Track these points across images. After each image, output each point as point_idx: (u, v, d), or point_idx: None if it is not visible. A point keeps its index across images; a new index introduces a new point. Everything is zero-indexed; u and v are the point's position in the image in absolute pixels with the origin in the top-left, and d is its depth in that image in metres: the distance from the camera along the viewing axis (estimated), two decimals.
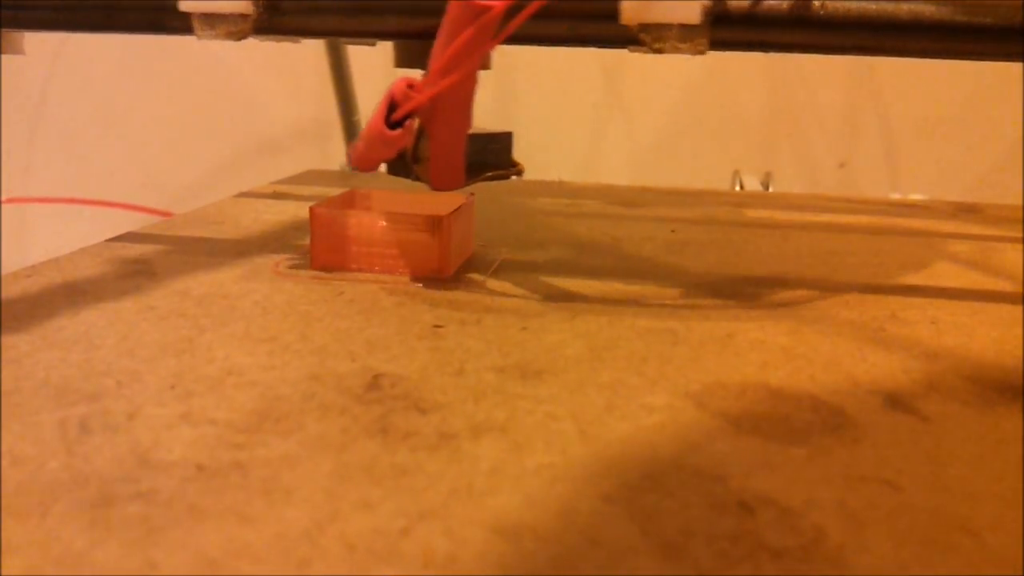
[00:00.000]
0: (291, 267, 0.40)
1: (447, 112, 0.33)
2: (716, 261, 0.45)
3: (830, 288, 0.40)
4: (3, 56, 0.42)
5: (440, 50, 0.31)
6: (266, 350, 0.30)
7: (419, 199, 0.43)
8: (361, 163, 0.35)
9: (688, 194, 0.69)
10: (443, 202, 0.41)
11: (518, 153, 0.40)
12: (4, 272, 0.38)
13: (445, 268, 0.38)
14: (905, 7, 0.33)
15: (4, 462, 0.22)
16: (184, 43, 0.50)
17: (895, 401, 0.27)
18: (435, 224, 0.38)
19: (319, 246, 0.39)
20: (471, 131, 0.36)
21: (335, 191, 0.44)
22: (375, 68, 0.94)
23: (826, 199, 0.70)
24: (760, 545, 0.19)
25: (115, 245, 0.45)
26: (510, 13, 0.30)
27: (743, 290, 0.40)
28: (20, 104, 1.07)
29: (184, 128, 1.07)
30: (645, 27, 0.33)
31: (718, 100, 0.92)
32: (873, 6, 0.33)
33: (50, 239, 1.07)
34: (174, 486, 0.21)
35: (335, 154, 0.94)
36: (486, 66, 0.35)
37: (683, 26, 0.33)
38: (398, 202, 0.44)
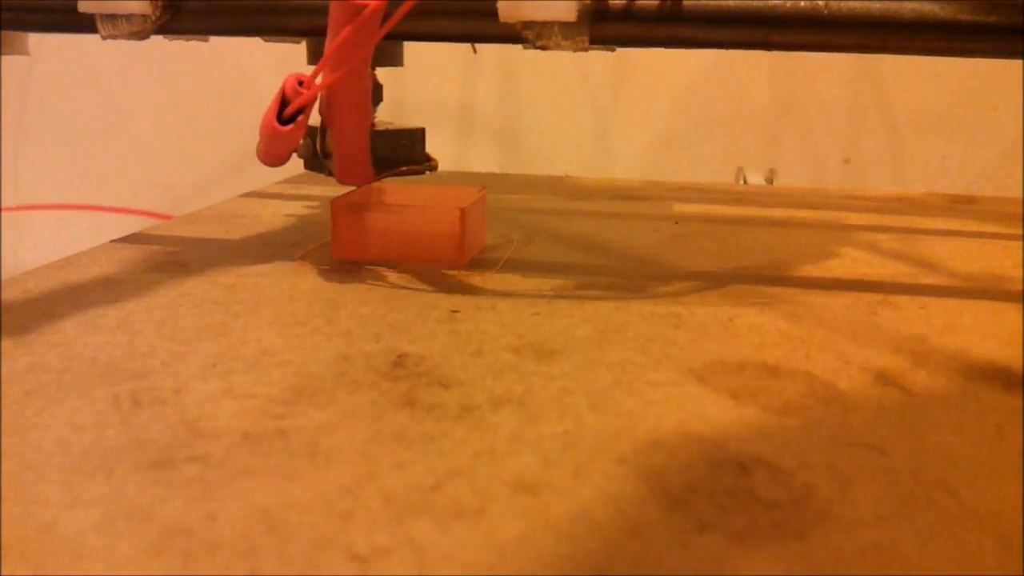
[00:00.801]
0: (313, 259, 0.42)
1: (342, 107, 0.35)
2: (717, 252, 0.48)
3: (827, 278, 0.43)
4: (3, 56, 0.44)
5: (327, 48, 0.33)
6: (296, 333, 0.32)
7: (435, 192, 0.45)
8: (265, 158, 0.37)
9: (692, 189, 0.71)
10: (458, 196, 0.43)
11: (524, 150, 0.42)
12: (11, 273, 0.40)
13: (460, 258, 0.41)
14: (862, 5, 0.34)
15: (66, 431, 0.24)
16: (184, 45, 0.52)
17: (883, 377, 0.29)
18: (451, 216, 0.40)
19: (339, 238, 0.42)
20: (383, 127, 0.37)
21: (344, 188, 0.46)
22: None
23: (824, 195, 0.72)
24: (755, 499, 0.21)
25: (141, 239, 0.47)
26: (388, 11, 0.32)
27: (743, 279, 0.42)
28: (18, 108, 1.08)
29: (182, 130, 1.07)
30: (528, 25, 0.34)
31: (722, 97, 0.94)
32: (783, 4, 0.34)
33: (52, 242, 1.08)
34: (224, 450, 0.23)
35: None
36: (397, 63, 0.38)
37: (563, 24, 0.34)
38: (415, 195, 0.46)
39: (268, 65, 1.03)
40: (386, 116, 0.43)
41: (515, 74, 0.94)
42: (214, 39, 0.47)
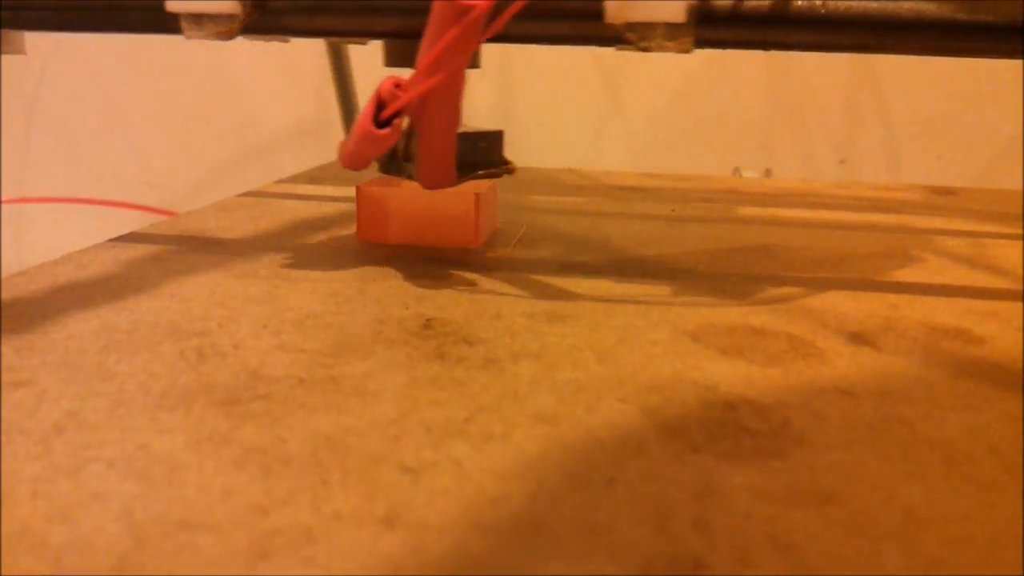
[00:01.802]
0: (339, 243, 0.46)
1: (435, 110, 0.34)
2: (711, 237, 0.51)
3: (816, 259, 0.46)
4: (3, 55, 0.43)
5: (426, 49, 0.32)
6: (334, 301, 0.36)
7: None
8: (351, 162, 0.36)
9: (688, 180, 0.75)
10: (473, 183, 0.46)
11: (517, 148, 0.45)
12: (20, 265, 0.44)
13: (476, 239, 0.44)
14: (876, 5, 0.34)
15: (144, 377, 0.28)
16: (184, 41, 0.54)
17: (857, 337, 0.33)
18: (469, 200, 0.44)
19: (365, 221, 0.45)
20: (462, 130, 0.36)
21: (355, 182, 0.50)
22: (376, 67, 0.98)
23: (815, 193, 0.76)
24: (740, 428, 0.25)
25: (177, 225, 0.50)
26: (494, 12, 0.31)
27: (734, 260, 0.45)
28: (20, 104, 1.09)
29: (183, 127, 1.08)
30: (631, 26, 0.34)
31: (718, 96, 0.95)
32: (863, 5, 0.34)
33: (55, 237, 1.10)
34: (285, 391, 0.27)
35: (336, 152, 0.97)
36: (475, 64, 0.35)
37: (669, 25, 0.33)
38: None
39: (267, 65, 1.05)
40: None
41: (509, 74, 0.96)
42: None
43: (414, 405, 0.26)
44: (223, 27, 0.36)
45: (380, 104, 0.34)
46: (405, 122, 0.35)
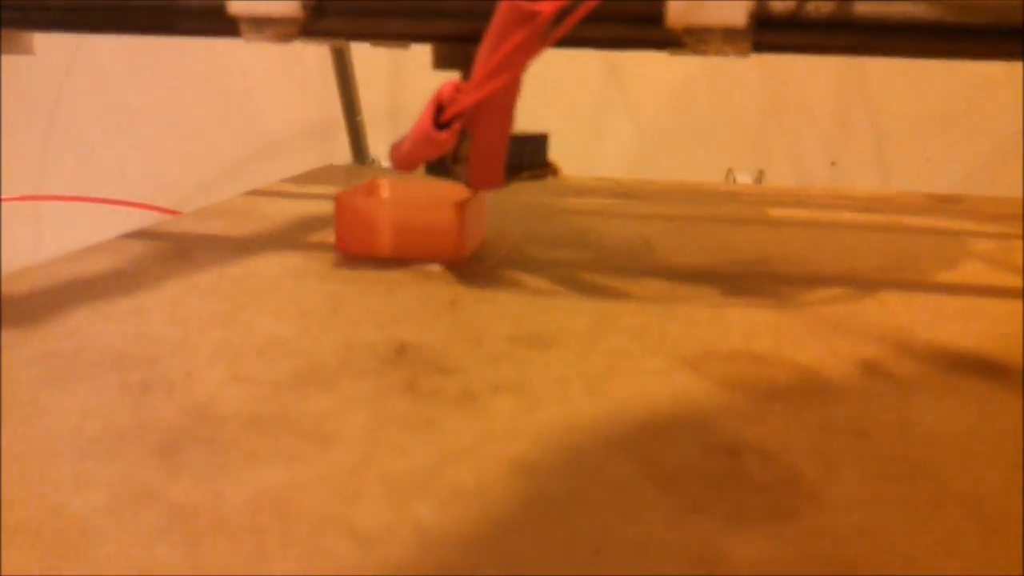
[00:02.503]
0: (319, 253, 0.43)
1: (492, 114, 0.34)
2: (710, 248, 0.48)
3: (816, 274, 0.43)
4: (16, 56, 0.43)
5: (487, 53, 0.32)
6: (301, 323, 0.33)
7: (436, 187, 0.45)
8: (405, 163, 0.36)
9: (682, 188, 0.72)
10: (458, 191, 0.43)
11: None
12: (18, 266, 0.41)
13: (461, 251, 0.41)
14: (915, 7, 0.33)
15: (76, 417, 0.25)
16: (191, 43, 0.52)
17: (870, 366, 0.30)
18: (453, 210, 0.41)
19: (343, 231, 0.42)
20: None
21: (349, 185, 0.47)
22: (378, 68, 0.97)
23: (811, 194, 0.73)
24: (745, 481, 0.22)
25: (149, 233, 0.48)
26: (558, 16, 0.30)
27: (734, 274, 0.43)
28: (35, 104, 1.09)
29: (190, 128, 1.08)
30: (689, 30, 0.33)
31: (712, 99, 0.94)
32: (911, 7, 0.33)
33: (62, 236, 1.10)
34: (232, 434, 0.24)
35: (339, 153, 0.96)
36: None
37: (727, 29, 0.33)
38: (417, 191, 0.47)
39: (273, 66, 1.04)
40: (386, 117, 0.43)
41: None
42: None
43: (376, 451, 0.23)
44: (283, 30, 0.36)
45: (440, 106, 0.33)
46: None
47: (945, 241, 0.52)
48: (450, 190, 0.44)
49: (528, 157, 0.39)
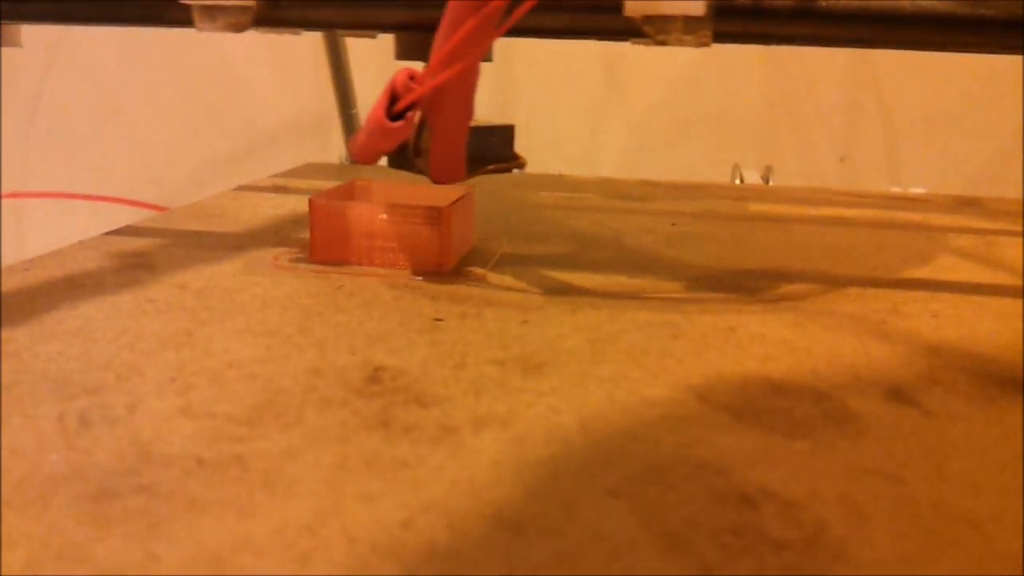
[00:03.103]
0: (290, 260, 0.40)
1: (449, 104, 0.33)
2: (716, 255, 0.45)
3: (831, 281, 0.40)
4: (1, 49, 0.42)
5: (442, 42, 0.31)
6: (265, 344, 0.30)
7: (419, 191, 0.42)
8: (362, 155, 0.35)
9: (689, 188, 0.69)
10: (443, 194, 0.40)
11: (519, 147, 0.40)
12: (3, 265, 0.38)
13: (446, 261, 0.38)
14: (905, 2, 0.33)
15: (3, 455, 0.22)
16: (181, 36, 0.50)
17: (897, 395, 0.27)
18: (435, 216, 0.38)
19: (319, 238, 0.39)
20: (472, 124, 0.35)
21: (333, 184, 0.44)
22: (373, 61, 0.94)
23: (826, 192, 0.70)
24: (763, 538, 0.19)
25: (113, 239, 0.44)
26: (512, 5, 0.30)
27: (744, 284, 0.40)
28: (18, 98, 1.07)
29: (181, 122, 1.06)
30: (649, 19, 0.33)
31: (718, 94, 0.92)
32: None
33: (47, 234, 1.07)
34: (175, 479, 0.21)
35: (334, 147, 0.94)
36: (487, 58, 0.35)
37: (687, 18, 0.32)
38: (398, 194, 0.44)
39: (265, 60, 1.02)
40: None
41: (508, 71, 0.92)
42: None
43: (338, 501, 0.20)
44: (236, 19, 0.35)
45: (394, 96, 0.33)
46: (417, 116, 0.34)
47: (969, 241, 0.49)
48: (435, 194, 0.41)
49: (493, 149, 0.38)
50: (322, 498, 0.20)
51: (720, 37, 0.34)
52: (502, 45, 0.35)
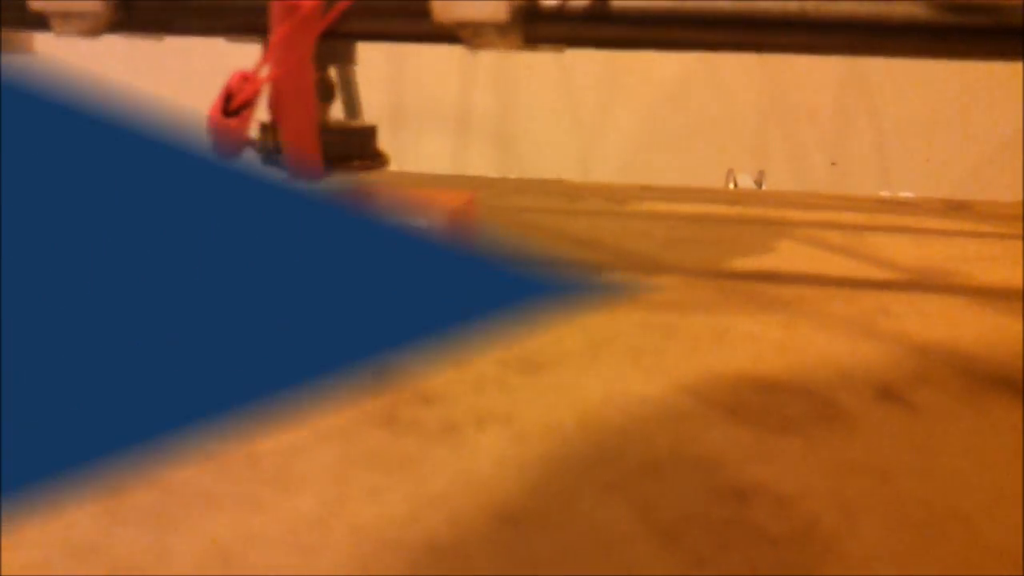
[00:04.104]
0: None
1: (287, 103, 0.37)
2: (711, 257, 0.46)
3: (822, 283, 0.41)
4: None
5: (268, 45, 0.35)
6: None
7: (423, 195, 0.43)
8: (218, 149, 0.37)
9: (684, 192, 0.70)
10: (448, 198, 0.41)
11: (519, 152, 0.41)
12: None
13: None
14: (832, 7, 0.34)
15: None
16: (182, 42, 0.50)
17: (887, 393, 0.28)
18: (438, 218, 0.38)
19: None
20: (337, 125, 0.39)
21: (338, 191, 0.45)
22: (379, 69, 0.95)
23: (817, 197, 0.71)
24: (756, 532, 0.20)
25: None
26: (325, 9, 0.34)
27: (737, 285, 0.40)
28: None
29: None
30: (462, 24, 0.35)
31: (712, 99, 0.93)
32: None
33: None
34: (187, 476, 0.21)
35: None
36: (351, 60, 0.41)
37: (498, 23, 0.34)
38: (399, 196, 0.44)
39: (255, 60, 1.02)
40: (386, 118, 0.43)
41: (506, 79, 0.93)
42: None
43: (345, 497, 0.21)
44: (88, 24, 0.38)
45: (229, 95, 0.36)
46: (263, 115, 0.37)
47: (959, 245, 0.50)
48: (440, 197, 0.41)
49: (355, 148, 0.41)
50: (329, 492, 0.21)
51: (534, 40, 0.36)
52: (500, 52, 0.36)
